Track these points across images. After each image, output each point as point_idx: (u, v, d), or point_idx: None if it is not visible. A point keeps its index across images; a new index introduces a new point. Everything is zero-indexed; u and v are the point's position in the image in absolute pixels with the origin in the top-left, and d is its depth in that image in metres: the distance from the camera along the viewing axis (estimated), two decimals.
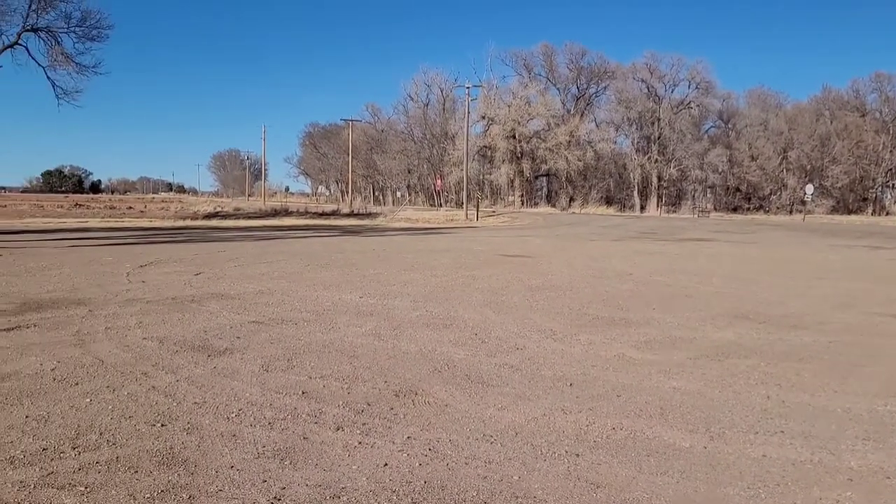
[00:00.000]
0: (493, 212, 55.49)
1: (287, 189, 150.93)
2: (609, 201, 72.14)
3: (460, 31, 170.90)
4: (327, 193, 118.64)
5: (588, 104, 78.38)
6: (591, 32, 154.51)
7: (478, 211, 45.19)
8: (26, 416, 4.27)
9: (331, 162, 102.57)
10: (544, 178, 77.93)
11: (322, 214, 49.72)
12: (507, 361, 6.01)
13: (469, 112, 49.39)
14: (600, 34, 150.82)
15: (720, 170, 71.03)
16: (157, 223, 35.08)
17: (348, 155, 72.64)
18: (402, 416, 4.47)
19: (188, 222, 37.02)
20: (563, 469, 3.66)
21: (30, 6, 29.77)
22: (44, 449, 3.74)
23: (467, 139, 50.24)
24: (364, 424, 4.27)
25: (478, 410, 4.61)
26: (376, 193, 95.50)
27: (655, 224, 38.54)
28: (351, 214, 50.87)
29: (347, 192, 79.62)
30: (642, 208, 70.51)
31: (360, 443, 3.96)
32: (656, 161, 71.31)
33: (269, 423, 4.24)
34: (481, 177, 75.57)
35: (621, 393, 5.12)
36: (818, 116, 70.97)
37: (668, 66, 72.55)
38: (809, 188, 58.35)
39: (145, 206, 65.82)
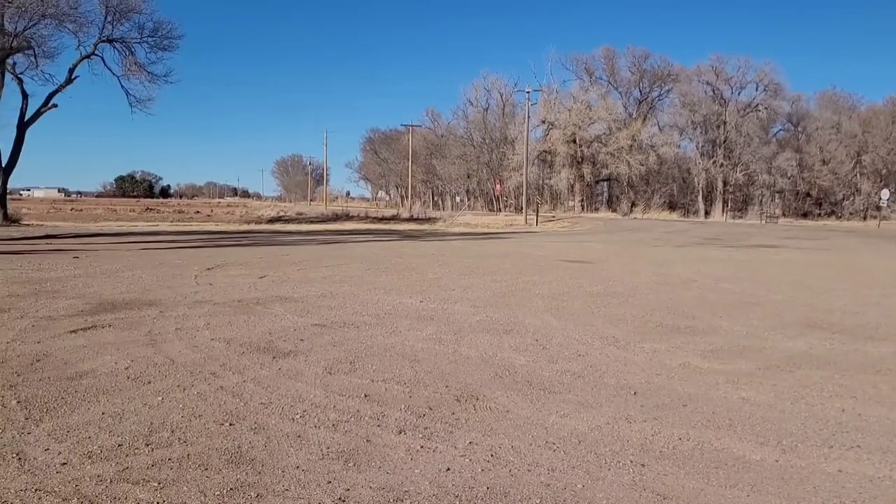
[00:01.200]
0: (553, 217, 55.07)
1: (348, 194, 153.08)
2: (672, 206, 70.68)
3: (521, 36, 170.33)
4: (387, 198, 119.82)
5: (651, 108, 77.06)
6: (655, 35, 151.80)
7: (537, 216, 44.91)
8: (102, 413, 4.43)
9: (391, 167, 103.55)
10: (605, 183, 76.93)
11: (382, 219, 50.23)
12: (569, 368, 5.94)
13: (529, 116, 49.19)
14: (664, 36, 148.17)
15: (789, 174, 68.84)
16: (223, 227, 36.05)
17: (408, 160, 73.23)
18: (463, 421, 4.46)
19: (252, 226, 37.95)
20: (629, 479, 3.60)
21: (105, 18, 31.00)
22: (119, 445, 3.88)
23: (527, 144, 50.02)
24: (426, 429, 4.28)
25: (540, 417, 4.57)
26: (435, 198, 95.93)
27: (721, 230, 37.59)
28: (410, 219, 51.24)
29: (407, 197, 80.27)
30: (707, 213, 68.88)
31: (422, 447, 3.97)
32: (722, 165, 69.58)
33: (333, 425, 4.30)
34: (541, 181, 75.14)
35: (687, 402, 5.00)
36: (894, 118, 68.05)
37: (734, 68, 70.75)
38: (885, 193, 55.89)
39: (212, 211, 67.73)
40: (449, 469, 3.66)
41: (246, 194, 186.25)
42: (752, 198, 73.74)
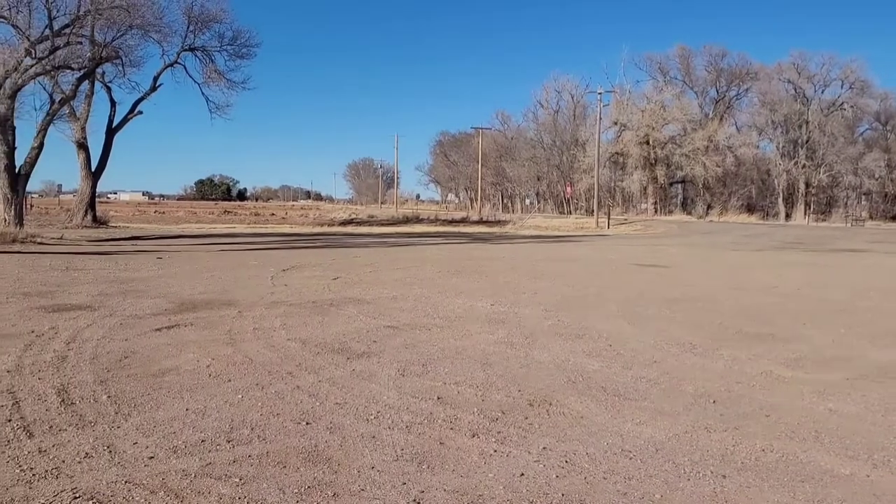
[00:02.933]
0: (625, 219, 54.11)
1: (418, 196, 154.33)
2: (750, 209, 68.34)
3: (593, 37, 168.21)
4: (456, 201, 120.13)
5: (728, 107, 74.75)
6: (732, 33, 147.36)
7: (609, 219, 44.23)
8: (186, 409, 4.59)
9: (460, 170, 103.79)
10: (679, 185, 75.03)
11: (452, 222, 50.41)
12: (645, 374, 5.82)
13: (601, 118, 48.51)
14: (742, 34, 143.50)
15: (877, 175, 65.57)
16: (297, 229, 36.89)
17: (478, 163, 73.27)
18: (536, 426, 4.42)
19: (325, 228, 38.70)
20: (709, 491, 3.49)
21: (188, 27, 32.16)
22: (202, 441, 4.01)
23: (598, 145, 49.33)
24: (499, 433, 4.26)
25: (615, 424, 4.49)
26: (505, 201, 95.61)
27: (802, 233, 36.15)
28: (480, 222, 51.26)
29: (476, 200, 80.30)
30: (787, 216, 66.34)
31: (495, 451, 3.95)
32: (804, 166, 66.89)
33: (407, 427, 4.33)
34: (612, 184, 73.92)
35: (770, 413, 4.82)
36: None
37: (817, 66, 67.87)
38: None
39: (286, 213, 69.40)
40: (523, 474, 3.63)
41: (319, 197, 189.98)
42: (836, 200, 70.60)
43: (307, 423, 4.35)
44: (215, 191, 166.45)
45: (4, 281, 10.99)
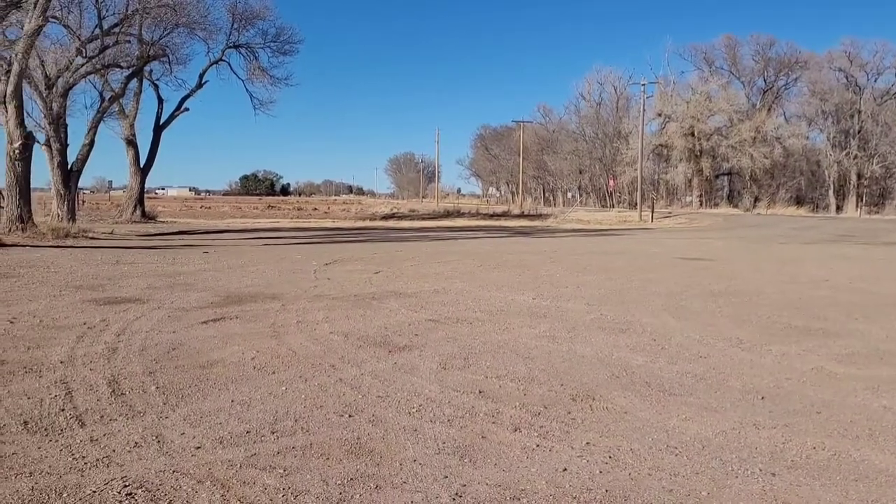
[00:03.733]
0: (669, 213, 53.29)
1: (459, 190, 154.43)
2: (799, 201, 66.64)
3: (635, 28, 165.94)
4: (497, 195, 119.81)
5: (776, 97, 72.94)
6: (780, 21, 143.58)
7: (652, 212, 43.61)
8: (232, 401, 4.66)
9: (501, 163, 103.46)
10: (725, 177, 73.54)
11: (493, 215, 50.28)
12: (690, 370, 5.71)
13: (644, 110, 47.77)
14: (790, 22, 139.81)
15: None
16: (340, 223, 37.22)
17: (519, 156, 72.91)
18: (579, 420, 4.38)
19: (367, 223, 38.95)
20: (758, 488, 3.41)
21: (232, 25, 32.69)
22: (247, 431, 4.06)
23: (642, 137, 48.63)
24: (541, 427, 4.23)
25: (660, 420, 4.42)
26: (546, 194, 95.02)
27: (854, 226, 35.12)
28: (521, 215, 51.03)
29: (518, 194, 79.95)
30: (838, 209, 64.51)
31: (538, 445, 3.92)
32: (856, 157, 64.93)
33: (449, 420, 4.32)
34: (656, 176, 72.85)
35: (821, 409, 4.68)
36: None
37: (870, 53, 65.68)
38: None
39: (328, 208, 70.08)
40: (566, 469, 3.59)
41: (360, 192, 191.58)
42: (890, 192, 68.38)
43: (350, 416, 4.38)
44: (259, 186, 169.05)
45: (58, 274, 11.32)
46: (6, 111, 19.45)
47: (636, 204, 49.10)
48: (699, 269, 13.73)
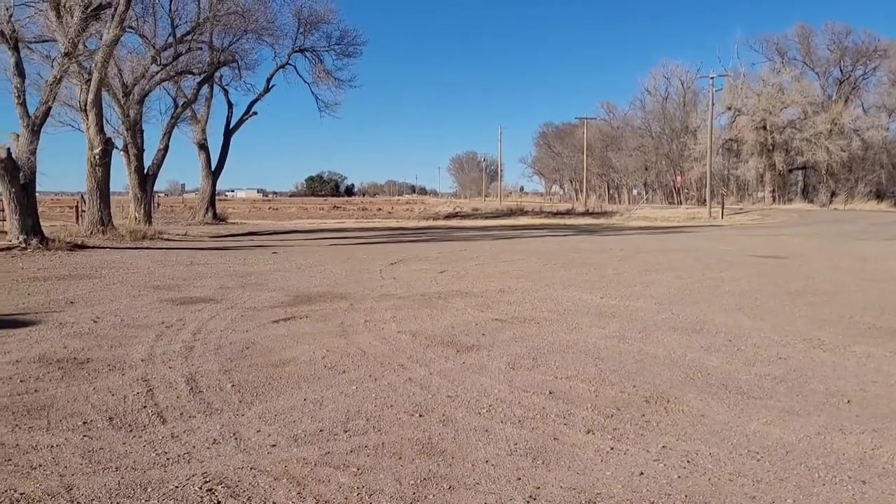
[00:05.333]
0: (740, 209, 51.75)
1: (521, 189, 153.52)
2: (880, 196, 63.63)
3: (703, 20, 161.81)
4: (561, 192, 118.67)
5: (853, 88, 69.86)
6: (856, 9, 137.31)
7: (722, 208, 42.41)
8: (304, 399, 4.74)
9: (564, 161, 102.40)
10: (800, 172, 70.88)
11: (556, 213, 49.83)
12: (769, 372, 5.51)
13: (713, 104, 46.53)
14: (866, 10, 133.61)
15: None
16: (403, 223, 37.51)
17: (583, 153, 72.04)
18: (654, 423, 4.27)
19: (430, 222, 39.14)
20: (847, 497, 3.25)
21: (298, 29, 33.36)
22: (320, 430, 4.12)
23: (711, 132, 47.35)
24: (615, 429, 4.15)
25: (739, 423, 4.27)
26: (611, 191, 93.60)
27: None
28: (585, 213, 50.41)
29: (581, 191, 79.00)
30: None
31: (612, 448, 3.85)
32: None
33: (519, 421, 4.28)
34: (726, 172, 70.82)
35: None
36: None
37: None
38: None
39: (392, 208, 70.74)
40: (642, 473, 3.51)
41: (423, 191, 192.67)
42: None
43: (420, 415, 4.39)
44: (324, 187, 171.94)
45: (137, 275, 11.75)
46: (87, 118, 20.32)
47: (705, 200, 47.86)
48: (774, 266, 13.27)
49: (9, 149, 15.88)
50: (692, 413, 4.48)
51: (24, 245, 15.80)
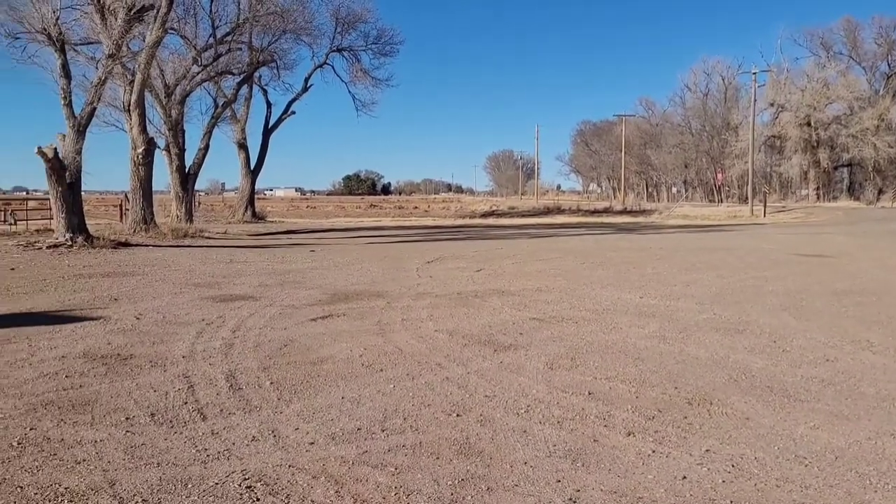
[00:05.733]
0: (783, 207, 50.64)
1: (558, 187, 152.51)
2: None
3: (744, 14, 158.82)
4: (598, 191, 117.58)
5: None
6: None
7: (765, 206, 41.57)
8: (342, 397, 4.74)
9: (602, 159, 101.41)
10: (845, 169, 69.09)
11: (594, 212, 49.42)
12: (816, 374, 5.36)
13: (755, 99, 45.62)
14: None
15: None
16: (440, 222, 37.55)
17: (621, 151, 71.28)
18: (697, 426, 4.18)
19: (466, 220, 39.13)
20: None
21: (335, 29, 33.61)
22: (358, 429, 4.11)
23: (753, 128, 46.44)
24: (656, 432, 4.06)
25: (785, 427, 4.15)
26: (650, 190, 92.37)
27: None
28: (624, 212, 49.88)
29: (619, 189, 78.18)
30: None
31: (653, 451, 3.77)
32: None
33: (558, 422, 4.23)
34: (768, 169, 69.33)
35: None
36: None
37: None
38: None
39: (428, 206, 70.90)
40: (685, 477, 3.42)
41: (459, 190, 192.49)
42: None
43: (458, 415, 4.36)
44: (361, 185, 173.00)
45: (179, 273, 11.94)
46: (130, 118, 20.74)
47: (747, 198, 46.99)
48: (819, 266, 12.94)
49: (55, 149, 16.28)
50: (736, 416, 4.37)
51: (70, 243, 16.18)
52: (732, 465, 3.58)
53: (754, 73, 44.31)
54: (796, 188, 69.90)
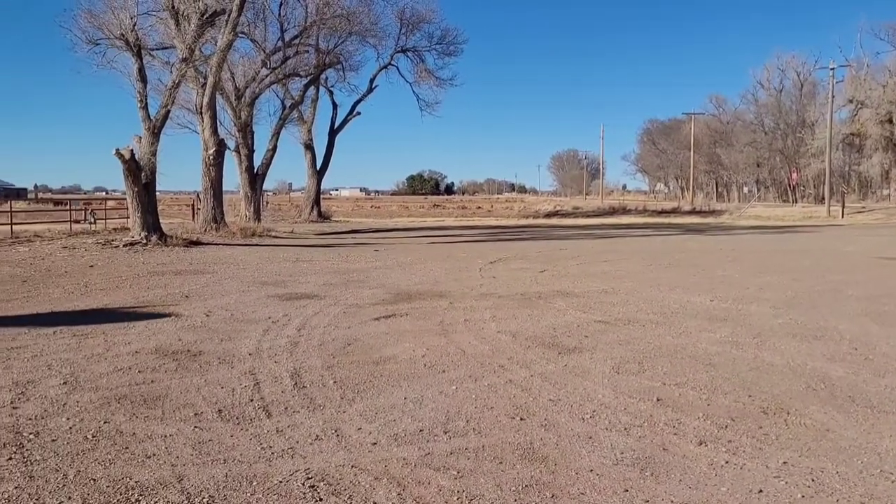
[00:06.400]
0: (863, 207, 48.46)
1: (624, 187, 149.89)
2: None
3: (821, 7, 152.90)
4: (665, 191, 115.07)
5: None
6: None
7: (843, 207, 39.88)
8: (404, 398, 4.72)
9: (669, 158, 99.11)
10: None
11: (661, 212, 48.38)
12: None
13: (833, 96, 43.83)
14: None
15: None
16: (503, 222, 37.40)
17: (689, 150, 69.57)
18: (773, 436, 3.99)
19: (530, 221, 38.85)
20: None
21: (400, 30, 33.84)
22: (420, 430, 4.08)
23: (830, 126, 44.64)
24: (730, 442, 3.90)
25: (869, 440, 3.92)
26: (719, 189, 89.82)
27: None
28: (692, 212, 48.65)
29: (688, 189, 76.30)
30: None
31: (727, 462, 3.61)
32: None
33: (625, 429, 4.10)
34: (846, 168, 66.52)
35: None
36: None
37: None
38: None
39: (491, 206, 70.72)
40: (762, 491, 3.26)
41: (522, 189, 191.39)
42: None
43: (521, 419, 4.28)
44: (424, 185, 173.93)
45: (247, 271, 12.21)
46: (202, 120, 21.35)
47: (823, 198, 45.16)
48: None
49: (132, 150, 16.88)
50: (815, 427, 4.16)
51: (145, 241, 16.76)
52: (812, 480, 3.39)
53: (832, 69, 42.60)
54: (877, 188, 66.89)
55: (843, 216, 37.57)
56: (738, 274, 11.76)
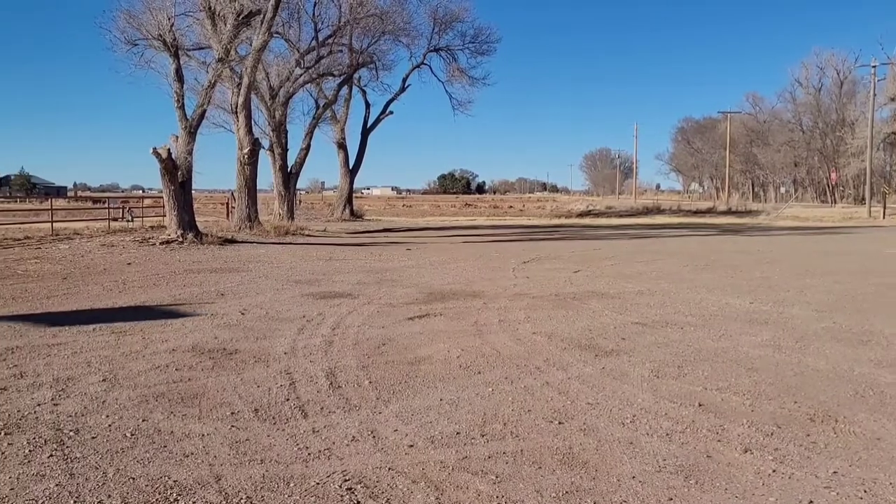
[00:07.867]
0: None
1: (657, 186, 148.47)
2: None
3: (863, 5, 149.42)
4: (700, 190, 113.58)
5: None
6: None
7: (884, 207, 38.90)
8: (440, 399, 4.68)
9: (704, 157, 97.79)
10: None
11: (696, 212, 47.71)
12: None
13: (874, 94, 42.76)
14: None
15: None
16: (535, 221, 37.18)
17: (725, 149, 68.51)
18: (822, 445, 3.86)
19: (562, 220, 38.57)
20: None
21: (433, 29, 33.82)
22: (457, 433, 4.03)
23: (871, 125, 43.57)
24: (776, 450, 3.78)
25: None
26: (756, 189, 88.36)
27: None
28: (728, 212, 47.89)
29: (723, 189, 75.15)
30: None
31: (774, 470, 3.50)
32: None
33: (667, 435, 4.00)
34: (888, 168, 65.01)
35: None
36: None
37: None
38: None
39: (523, 206, 70.40)
40: (812, 502, 3.15)
41: (554, 189, 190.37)
42: None
43: (559, 423, 4.21)
44: (456, 185, 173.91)
45: (280, 269, 12.28)
46: (237, 120, 21.55)
47: (863, 199, 44.14)
48: None
49: (169, 149, 17.10)
50: (865, 435, 4.02)
51: (181, 239, 16.96)
52: (865, 491, 3.27)
53: (874, 67, 41.56)
54: None
55: (884, 217, 36.66)
56: (777, 276, 11.51)
